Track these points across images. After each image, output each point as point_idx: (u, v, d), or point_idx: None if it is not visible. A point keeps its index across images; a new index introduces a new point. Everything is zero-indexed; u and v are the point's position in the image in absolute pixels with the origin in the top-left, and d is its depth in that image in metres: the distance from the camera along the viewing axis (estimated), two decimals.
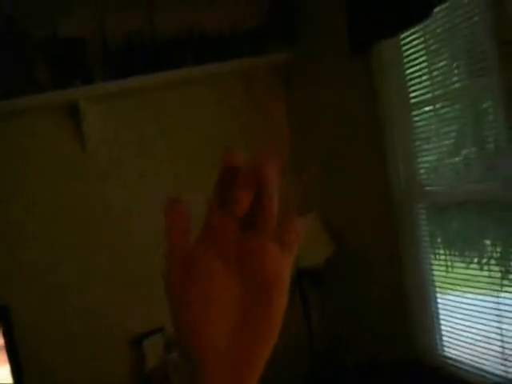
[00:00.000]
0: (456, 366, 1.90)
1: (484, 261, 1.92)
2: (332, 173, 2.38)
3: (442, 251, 2.05)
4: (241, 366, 0.33)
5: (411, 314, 2.06)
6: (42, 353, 2.05)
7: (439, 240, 2.09)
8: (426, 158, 1.99)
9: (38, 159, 2.13)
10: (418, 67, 1.90)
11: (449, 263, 2.02)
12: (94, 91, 2.10)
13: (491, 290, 1.74)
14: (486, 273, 1.81)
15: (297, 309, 2.33)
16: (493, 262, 1.82)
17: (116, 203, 2.24)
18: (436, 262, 2.03)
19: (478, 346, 1.80)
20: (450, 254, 2.04)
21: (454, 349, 1.93)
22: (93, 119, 2.13)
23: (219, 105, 2.35)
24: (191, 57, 2.22)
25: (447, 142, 1.91)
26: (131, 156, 2.27)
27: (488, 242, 1.89)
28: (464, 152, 1.89)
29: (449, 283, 1.96)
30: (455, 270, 1.98)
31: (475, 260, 1.97)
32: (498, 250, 1.85)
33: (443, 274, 1.98)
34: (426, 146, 1.98)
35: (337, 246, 2.29)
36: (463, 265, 1.97)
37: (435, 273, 2.01)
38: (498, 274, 1.76)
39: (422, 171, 2.00)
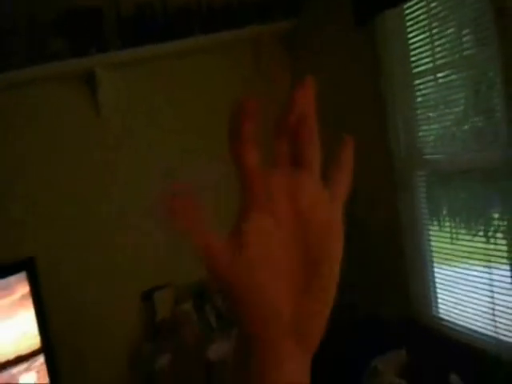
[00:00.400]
0: (450, 328, 1.97)
1: (490, 233, 1.92)
2: (332, 141, 2.43)
3: (446, 221, 2.06)
4: (305, 332, 0.31)
5: (408, 278, 2.14)
6: (64, 302, 2.24)
7: (444, 211, 2.10)
8: (427, 127, 2.02)
9: (54, 125, 2.25)
10: (421, 37, 1.91)
11: (454, 235, 2.03)
12: (109, 59, 2.19)
13: (497, 262, 1.75)
14: (491, 245, 1.80)
15: None
16: (499, 234, 1.80)
17: (126, 170, 2.37)
18: (439, 233, 2.05)
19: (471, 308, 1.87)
20: (454, 226, 2.05)
21: (449, 311, 2.00)
22: (107, 87, 2.24)
23: (227, 73, 2.41)
24: (200, 26, 2.28)
25: (451, 110, 1.92)
26: (142, 125, 2.38)
27: (495, 215, 1.85)
28: (468, 120, 1.89)
29: (452, 254, 1.98)
30: (459, 242, 1.99)
31: (481, 232, 1.98)
32: (504, 222, 1.79)
33: (447, 245, 2.00)
34: (428, 115, 2.00)
35: None
36: (468, 236, 1.97)
37: (437, 244, 2.03)
38: (505, 247, 1.74)
39: (423, 139, 2.03)
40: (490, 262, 1.78)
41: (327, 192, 0.33)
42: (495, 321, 1.76)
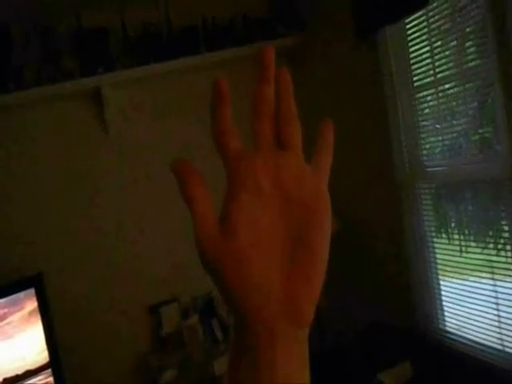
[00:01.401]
0: (456, 341, 1.96)
1: (499, 246, 1.90)
2: (337, 152, 2.44)
3: (455, 234, 2.04)
4: (297, 309, 0.31)
5: (414, 291, 2.13)
6: (73, 317, 2.27)
7: (453, 223, 2.08)
8: (430, 139, 2.02)
9: (62, 142, 2.31)
10: (421, 51, 1.93)
11: (463, 247, 2.01)
12: (116, 78, 2.25)
13: (506, 275, 1.72)
14: (503, 258, 1.77)
15: None
16: (508, 247, 1.76)
17: (135, 184, 2.42)
18: (447, 246, 2.02)
19: (476, 321, 1.85)
20: (464, 239, 2.02)
21: (456, 324, 1.98)
22: (114, 104, 2.29)
23: (232, 90, 2.43)
24: (205, 44, 2.33)
25: (454, 122, 1.92)
26: (148, 140, 2.42)
27: (505, 227, 1.80)
28: (472, 132, 1.89)
29: (460, 267, 1.95)
30: (468, 255, 1.96)
31: (491, 245, 1.96)
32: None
33: (456, 258, 1.96)
34: (430, 127, 2.01)
35: (340, 225, 2.37)
36: (478, 249, 1.94)
37: (446, 256, 2.01)
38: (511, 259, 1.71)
39: (426, 152, 2.04)
40: (498, 274, 1.77)
41: (311, 169, 0.33)
42: (501, 333, 1.74)
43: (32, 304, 2.08)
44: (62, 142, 2.31)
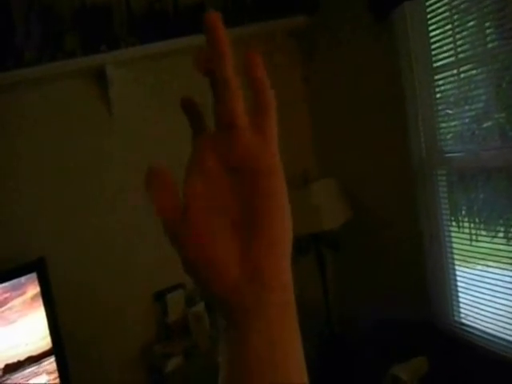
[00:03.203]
0: (472, 333, 1.89)
1: (510, 234, 1.86)
2: (351, 138, 2.37)
3: (466, 222, 2.00)
4: (260, 272, 0.31)
5: (429, 282, 2.06)
6: (75, 302, 2.23)
7: (463, 211, 2.04)
8: (448, 124, 1.94)
9: (66, 123, 2.23)
10: (442, 29, 1.84)
11: (473, 236, 1.97)
12: (120, 56, 2.17)
13: None
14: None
15: (314, 273, 2.39)
16: None
17: (139, 167, 2.34)
18: (458, 235, 1.99)
19: (496, 314, 1.79)
20: (474, 227, 1.99)
21: (471, 316, 1.92)
22: (118, 83, 2.21)
23: (239, 69, 2.36)
24: None
25: (472, 106, 1.85)
26: (153, 120, 2.34)
27: None
28: (491, 117, 1.82)
29: (471, 256, 1.92)
30: (479, 244, 1.93)
31: (501, 233, 1.92)
32: None
33: (467, 246, 1.94)
34: (449, 112, 1.92)
35: (355, 211, 2.30)
36: (488, 238, 1.92)
37: (457, 245, 1.97)
38: None
39: (443, 137, 1.95)
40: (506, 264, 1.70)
41: (257, 136, 0.32)
42: None
43: (34, 288, 2.04)
44: (64, 122, 2.23)
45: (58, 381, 2.08)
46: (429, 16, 1.86)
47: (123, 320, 2.31)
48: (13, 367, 1.97)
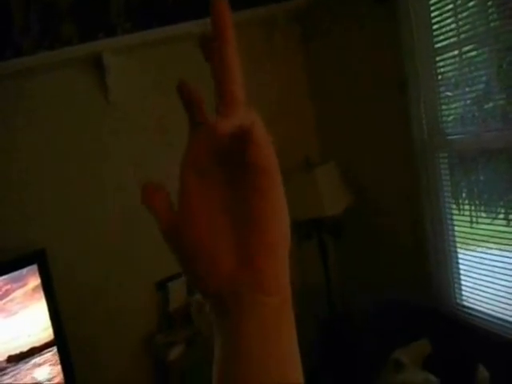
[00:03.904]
0: (475, 315, 1.90)
1: (511, 216, 1.87)
2: (353, 122, 2.35)
3: (466, 204, 2.01)
4: (257, 274, 0.30)
5: (430, 265, 2.06)
6: (77, 293, 2.22)
7: (464, 193, 2.05)
8: (450, 106, 1.92)
9: (63, 112, 2.20)
10: (444, 9, 1.81)
11: (473, 218, 1.98)
12: (117, 43, 2.14)
13: None
14: None
15: (315, 259, 2.38)
16: None
17: (138, 155, 2.32)
18: (459, 217, 1.99)
19: (497, 295, 1.80)
20: (474, 209, 2.00)
21: (473, 299, 1.93)
22: (116, 71, 2.18)
23: (239, 54, 2.33)
24: (208, 8, 2.20)
25: (473, 88, 1.83)
26: (151, 108, 2.32)
27: None
28: (492, 99, 1.81)
29: (471, 238, 1.92)
30: (480, 226, 1.94)
31: (501, 215, 1.93)
32: None
33: (467, 229, 1.94)
34: (450, 93, 1.91)
35: (356, 197, 2.29)
36: (488, 220, 1.93)
37: (458, 228, 1.97)
38: None
39: (445, 119, 1.94)
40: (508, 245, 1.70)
41: (236, 114, 0.29)
42: None
43: (35, 280, 2.02)
44: (62, 110, 2.20)
45: (60, 371, 2.08)
46: None
47: (125, 310, 2.30)
48: (15, 358, 1.96)
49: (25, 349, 1.98)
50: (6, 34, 2.02)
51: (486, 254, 1.87)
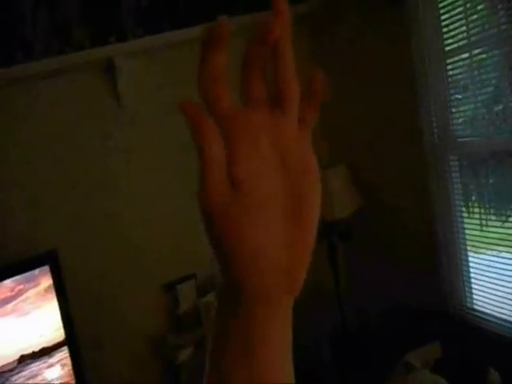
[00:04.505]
0: (486, 319, 1.89)
1: None
2: (362, 124, 2.35)
3: (476, 207, 2.00)
4: (294, 275, 0.30)
5: (441, 268, 2.05)
6: (87, 294, 2.23)
7: (473, 196, 2.04)
8: (460, 108, 1.92)
9: (75, 116, 2.23)
10: (454, 12, 1.82)
11: (484, 221, 1.97)
12: (129, 47, 2.16)
13: None
14: None
15: (325, 262, 2.38)
16: None
17: (148, 159, 2.35)
18: (469, 220, 1.98)
19: (508, 298, 1.78)
20: (484, 212, 1.99)
21: (484, 302, 1.91)
22: (127, 75, 2.21)
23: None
24: (220, 10, 2.23)
25: (483, 91, 1.84)
26: (162, 112, 2.34)
27: None
28: (502, 101, 1.81)
29: (482, 242, 1.91)
30: (490, 229, 1.92)
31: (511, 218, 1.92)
32: None
33: (477, 232, 1.93)
34: (460, 96, 1.91)
35: (365, 199, 2.29)
36: (498, 223, 1.91)
37: (468, 231, 1.97)
38: None
39: (455, 121, 1.94)
40: None
41: (300, 130, 0.31)
42: None
43: (47, 280, 2.05)
44: (73, 114, 2.23)
45: (71, 371, 2.09)
46: None
47: (135, 312, 2.32)
48: (27, 358, 1.98)
49: (37, 348, 2.00)
50: (17, 38, 2.06)
51: (497, 257, 1.86)
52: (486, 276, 1.89)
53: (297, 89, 0.30)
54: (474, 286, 1.98)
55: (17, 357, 1.95)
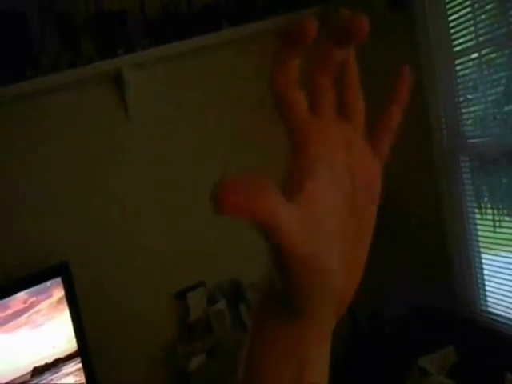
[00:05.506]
0: (501, 322, 1.86)
1: None
2: (370, 126, 2.33)
3: (488, 208, 1.97)
4: (346, 298, 0.30)
5: (454, 270, 2.03)
6: (98, 304, 2.24)
7: (486, 197, 2.01)
8: (470, 109, 1.90)
9: (84, 128, 2.24)
10: (462, 12, 1.79)
11: (496, 222, 1.95)
12: (136, 59, 2.16)
13: None
14: None
15: None
16: None
17: (157, 169, 2.35)
18: (482, 221, 1.96)
19: None
20: (497, 213, 1.96)
21: (498, 304, 1.89)
22: (135, 86, 2.21)
23: (255, 65, 2.34)
24: (226, 20, 2.24)
25: (493, 90, 1.81)
26: (170, 122, 2.34)
27: None
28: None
29: (495, 243, 1.89)
30: (503, 229, 1.90)
31: None
32: None
33: (490, 233, 1.91)
34: (470, 96, 1.89)
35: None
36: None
37: (481, 232, 1.95)
38: None
39: (465, 122, 1.92)
40: None
41: (371, 151, 0.30)
42: None
43: (60, 292, 2.05)
44: (83, 127, 2.24)
45: (84, 382, 2.10)
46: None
47: (146, 320, 2.31)
48: (41, 370, 1.98)
49: (49, 360, 2.01)
50: (26, 53, 2.07)
51: (511, 258, 1.83)
52: (501, 277, 1.86)
53: (361, 101, 0.30)
54: (487, 287, 1.95)
55: (30, 369, 1.95)
